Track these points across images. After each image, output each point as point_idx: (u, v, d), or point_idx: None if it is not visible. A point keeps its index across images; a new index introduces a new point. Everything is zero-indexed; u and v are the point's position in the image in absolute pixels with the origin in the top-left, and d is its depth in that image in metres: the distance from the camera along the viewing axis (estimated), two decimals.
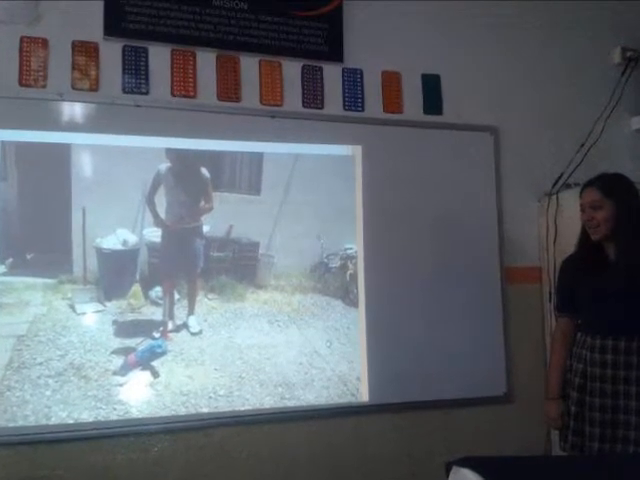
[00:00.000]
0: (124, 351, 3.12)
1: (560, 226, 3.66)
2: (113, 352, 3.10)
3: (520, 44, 3.90)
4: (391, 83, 3.66)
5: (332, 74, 3.56)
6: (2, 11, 3.06)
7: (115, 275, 3.21)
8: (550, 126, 3.89)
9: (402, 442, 3.49)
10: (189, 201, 3.33)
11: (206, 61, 3.36)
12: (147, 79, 3.25)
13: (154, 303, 3.21)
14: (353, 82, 3.59)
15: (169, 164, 3.27)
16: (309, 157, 3.49)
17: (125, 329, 3.14)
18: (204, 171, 3.34)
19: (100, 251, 3.14)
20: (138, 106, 3.21)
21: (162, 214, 3.24)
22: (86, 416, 3.02)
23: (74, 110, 3.14)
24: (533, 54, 3.92)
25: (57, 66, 3.13)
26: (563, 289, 2.97)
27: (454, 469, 2.02)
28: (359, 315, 3.51)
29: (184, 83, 3.31)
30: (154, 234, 3.23)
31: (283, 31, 3.47)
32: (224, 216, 3.35)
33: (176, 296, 3.26)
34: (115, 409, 3.06)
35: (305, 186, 3.48)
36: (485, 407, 3.63)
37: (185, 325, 3.25)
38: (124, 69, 3.23)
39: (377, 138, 3.58)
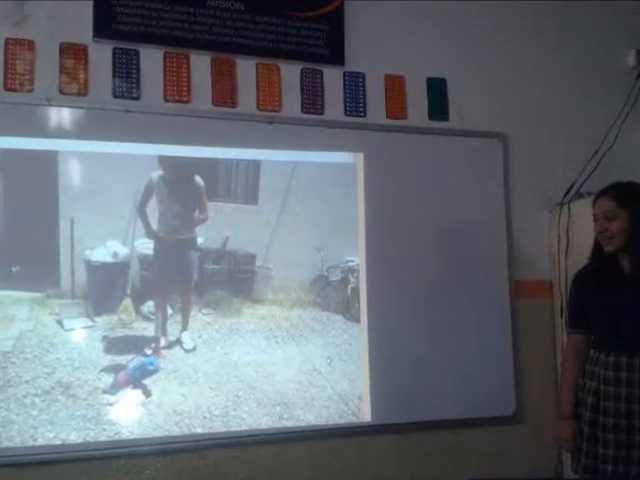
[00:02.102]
0: (114, 369, 3.14)
1: (572, 237, 3.68)
2: (103, 370, 3.12)
3: (530, 46, 3.93)
4: (394, 87, 3.68)
5: (333, 78, 3.59)
6: None
7: (105, 289, 3.23)
8: (561, 132, 3.91)
9: (406, 464, 3.50)
10: (183, 211, 3.35)
11: (200, 64, 3.39)
12: (138, 83, 3.28)
13: (146, 318, 3.23)
14: (355, 86, 3.61)
15: (162, 172, 3.30)
16: (308, 165, 3.52)
17: (115, 345, 3.15)
18: (198, 180, 3.36)
19: (89, 264, 3.17)
20: (129, 111, 3.24)
21: (154, 225, 3.27)
22: (74, 437, 3.03)
23: (62, 115, 3.16)
24: (544, 57, 3.94)
25: (44, 69, 3.15)
26: (575, 304, 2.98)
27: None
28: (361, 331, 3.53)
29: (177, 87, 3.34)
30: (146, 246, 3.25)
31: (281, 33, 3.50)
32: (219, 227, 3.38)
33: (169, 311, 3.28)
34: (105, 429, 3.08)
35: (304, 195, 3.51)
36: (493, 427, 3.64)
37: (178, 341, 3.27)
38: (114, 72, 3.25)
39: (380, 145, 3.60)
